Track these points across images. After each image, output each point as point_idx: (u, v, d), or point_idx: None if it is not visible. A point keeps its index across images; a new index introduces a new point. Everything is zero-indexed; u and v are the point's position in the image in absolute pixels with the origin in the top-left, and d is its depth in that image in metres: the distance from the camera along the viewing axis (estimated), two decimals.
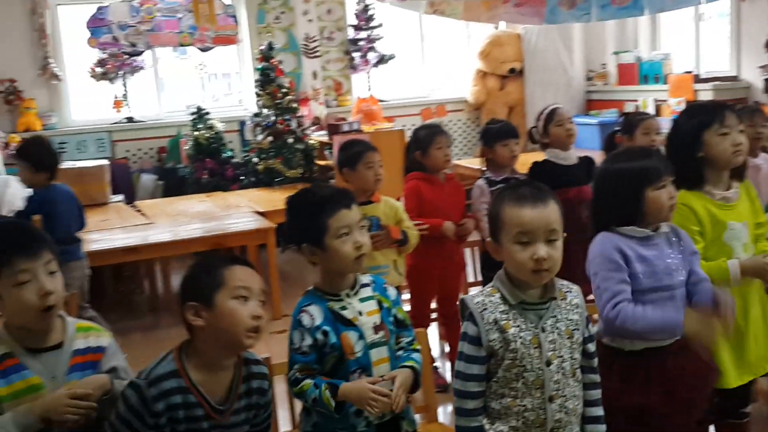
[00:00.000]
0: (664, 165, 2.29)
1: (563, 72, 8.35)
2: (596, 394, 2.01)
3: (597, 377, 2.03)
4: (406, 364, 2.08)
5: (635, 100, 7.73)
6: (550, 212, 1.89)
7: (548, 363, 1.90)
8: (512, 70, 8.56)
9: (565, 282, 1.99)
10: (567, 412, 1.93)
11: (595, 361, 2.03)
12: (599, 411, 2.01)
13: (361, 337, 2.02)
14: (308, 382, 1.97)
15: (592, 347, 2.02)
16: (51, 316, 1.76)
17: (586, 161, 3.99)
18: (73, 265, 4.11)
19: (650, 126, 3.91)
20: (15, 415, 1.67)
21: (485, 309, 1.92)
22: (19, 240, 1.76)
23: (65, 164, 6.42)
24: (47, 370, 1.76)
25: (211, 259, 1.87)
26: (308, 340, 1.98)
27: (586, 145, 6.31)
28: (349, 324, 2.02)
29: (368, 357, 2.02)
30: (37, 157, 4.19)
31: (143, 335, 5.03)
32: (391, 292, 2.16)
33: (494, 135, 3.84)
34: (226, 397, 1.83)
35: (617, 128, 4.16)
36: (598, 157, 4.26)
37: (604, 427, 2.01)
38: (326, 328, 1.99)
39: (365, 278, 2.13)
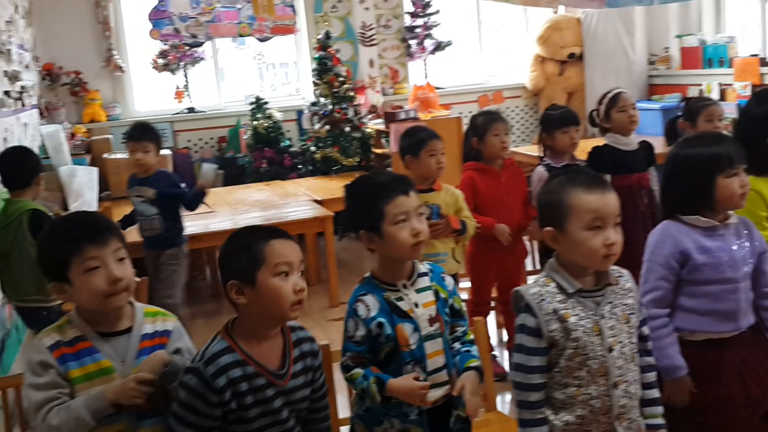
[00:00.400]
0: (737, 152, 2.23)
1: (624, 56, 8.17)
2: (652, 376, 2.01)
3: (652, 359, 2.03)
4: (471, 365, 2.06)
5: (699, 85, 7.51)
6: (615, 198, 1.90)
7: (610, 349, 1.89)
8: (572, 55, 8.42)
9: (615, 267, 1.98)
10: (630, 397, 1.92)
11: (650, 344, 2.03)
12: (656, 393, 2.00)
13: (416, 329, 2.02)
14: (358, 371, 1.99)
15: (646, 330, 2.03)
16: (121, 301, 1.80)
17: (646, 147, 3.91)
18: None
19: (713, 113, 3.81)
20: (87, 399, 1.72)
21: (543, 299, 1.90)
22: (88, 228, 1.80)
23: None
24: (117, 354, 1.81)
25: (247, 234, 1.87)
26: (362, 330, 1.99)
27: (649, 131, 6.15)
28: (405, 316, 2.01)
29: (423, 349, 2.02)
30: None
31: (205, 321, 5.13)
32: (449, 281, 2.15)
33: (554, 122, 3.79)
34: (281, 363, 1.86)
35: (679, 114, 4.07)
36: (659, 143, 4.18)
37: (661, 408, 2.00)
38: (381, 319, 1.99)
39: (423, 267, 2.12)
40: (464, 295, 4.07)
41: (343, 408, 2.58)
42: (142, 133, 4.27)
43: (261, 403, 1.81)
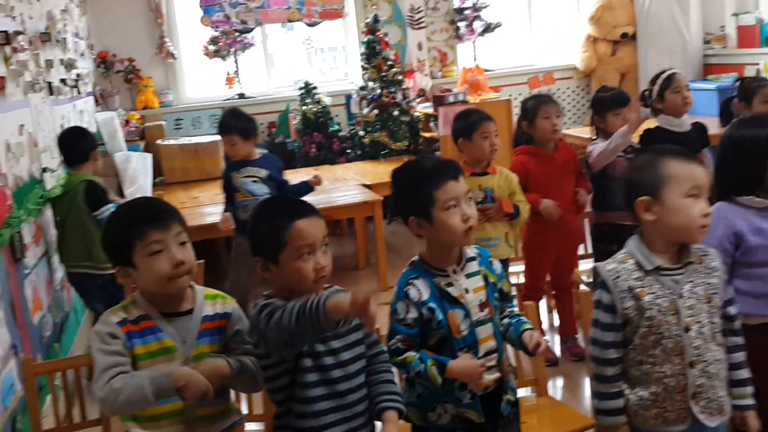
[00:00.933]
0: None
1: (679, 35, 7.96)
2: (740, 356, 1.99)
3: (740, 339, 2.00)
4: (526, 327, 2.08)
5: (756, 64, 7.28)
6: (705, 171, 1.92)
7: (687, 329, 1.88)
8: (624, 35, 8.24)
9: (700, 246, 1.96)
10: (709, 377, 1.90)
11: (738, 324, 2.00)
12: (745, 373, 1.98)
13: (467, 315, 2.00)
14: (412, 354, 1.98)
15: (732, 310, 2.00)
16: (183, 283, 1.85)
17: (699, 128, 3.82)
18: None
19: None
20: (153, 375, 1.75)
21: (618, 276, 1.90)
22: (150, 213, 1.85)
23: (182, 140, 6.70)
24: (179, 334, 1.86)
25: (271, 213, 1.89)
26: (413, 313, 1.98)
27: (704, 111, 6.00)
28: (456, 302, 2.01)
29: (474, 335, 2.01)
30: None
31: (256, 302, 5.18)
32: (497, 265, 2.13)
33: (605, 104, 3.72)
34: None
35: (734, 94, 3.98)
36: (714, 124, 4.07)
37: (750, 388, 1.98)
38: (432, 305, 1.99)
39: (471, 251, 2.10)
40: (513, 279, 4.05)
41: None
42: (229, 122, 4.22)
43: (317, 356, 1.84)
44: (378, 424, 1.96)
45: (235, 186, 4.17)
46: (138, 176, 5.78)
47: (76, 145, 3.91)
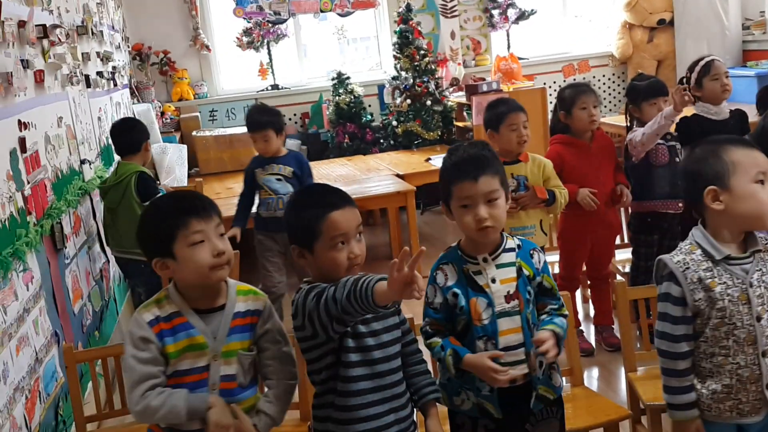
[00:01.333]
0: None
1: (717, 21, 7.81)
2: None
3: None
4: (547, 327, 2.02)
5: None
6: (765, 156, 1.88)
7: (758, 318, 1.86)
8: (661, 21, 8.11)
9: (763, 233, 1.93)
10: None
11: None
12: None
13: (490, 304, 2.00)
14: (437, 340, 2.02)
15: None
16: (224, 274, 1.86)
17: (739, 115, 3.75)
18: None
19: None
20: (189, 398, 1.79)
21: (687, 268, 1.88)
22: (193, 204, 1.86)
23: (216, 131, 6.76)
24: (210, 330, 1.86)
25: (309, 201, 1.91)
26: (439, 298, 2.02)
27: (743, 98, 5.89)
28: (480, 290, 2.01)
29: (495, 326, 2.00)
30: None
31: (290, 294, 5.22)
32: (537, 258, 2.09)
33: (641, 93, 3.64)
34: None
35: None
36: (752, 111, 4.00)
37: None
38: (457, 290, 2.00)
39: (513, 241, 2.09)
40: (554, 269, 4.02)
41: None
42: (261, 117, 4.16)
43: (359, 336, 1.86)
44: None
45: (258, 183, 4.16)
46: (174, 167, 5.85)
47: (129, 135, 4.01)
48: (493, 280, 2.01)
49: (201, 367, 1.84)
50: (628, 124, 3.78)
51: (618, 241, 4.03)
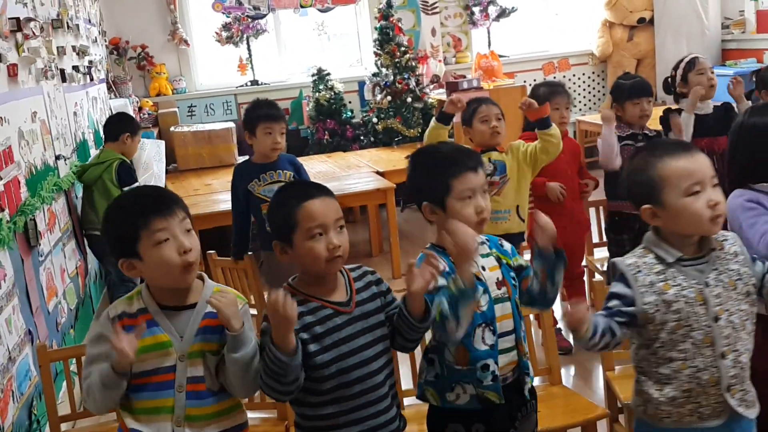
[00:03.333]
0: None
1: (697, 20, 7.87)
2: None
3: None
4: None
5: None
6: (705, 158, 1.85)
7: (716, 318, 1.82)
8: (641, 20, 8.15)
9: (719, 231, 1.90)
10: (742, 367, 1.86)
11: None
12: None
13: (486, 291, 2.00)
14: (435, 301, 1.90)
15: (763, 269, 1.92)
16: (191, 273, 1.80)
17: (723, 109, 3.77)
18: None
19: None
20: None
21: (639, 271, 1.86)
22: (153, 200, 1.80)
23: (195, 127, 6.71)
24: (177, 330, 1.80)
25: (285, 195, 1.90)
26: (440, 281, 1.92)
27: (722, 97, 5.89)
28: (475, 278, 1.99)
29: (493, 311, 2.00)
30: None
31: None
32: (506, 246, 2.13)
33: (624, 92, 3.66)
34: (346, 294, 1.89)
35: (753, 79, 3.96)
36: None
37: None
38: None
39: (479, 237, 2.09)
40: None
41: (406, 380, 2.59)
42: (277, 110, 3.69)
43: (333, 331, 1.83)
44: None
45: (257, 198, 3.58)
46: (151, 163, 5.78)
47: (111, 125, 4.53)
48: (483, 268, 2.02)
49: (167, 367, 1.77)
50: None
51: (596, 238, 4.05)
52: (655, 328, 1.85)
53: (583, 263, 3.96)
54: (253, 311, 3.33)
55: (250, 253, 3.62)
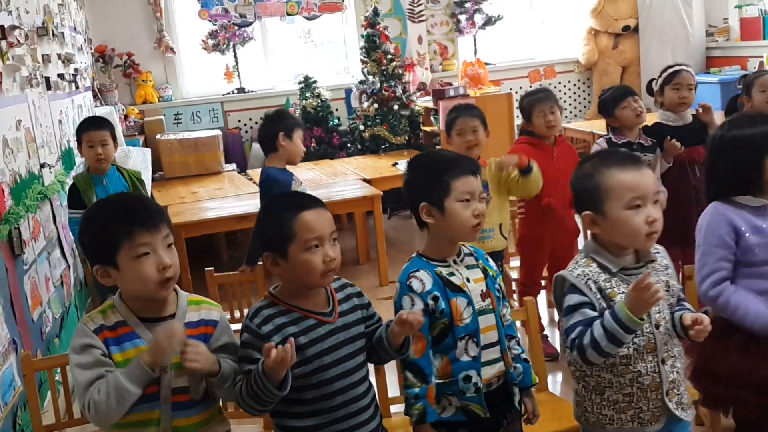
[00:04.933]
0: None
1: (681, 28, 7.94)
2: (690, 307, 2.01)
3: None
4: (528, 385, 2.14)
5: (760, 56, 7.26)
6: (651, 174, 1.88)
7: (657, 326, 1.88)
8: (626, 28, 8.21)
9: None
10: (678, 372, 1.92)
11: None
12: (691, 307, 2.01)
13: (470, 303, 2.00)
14: (420, 405, 1.97)
15: (681, 294, 2.00)
16: (168, 288, 1.78)
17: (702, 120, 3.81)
18: None
19: (765, 83, 3.74)
20: (125, 369, 1.70)
21: (589, 279, 1.89)
22: (139, 213, 1.76)
23: (181, 135, 6.69)
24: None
25: (278, 207, 1.87)
26: (419, 305, 1.97)
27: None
28: (458, 290, 2.00)
29: (477, 323, 2.01)
30: None
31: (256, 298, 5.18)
32: (492, 263, 2.15)
33: (609, 102, 3.71)
34: (327, 305, 1.88)
35: (739, 87, 3.99)
36: (718, 118, 4.06)
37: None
38: (436, 293, 1.98)
39: (467, 248, 2.12)
40: (514, 274, 4.03)
41: (393, 386, 2.59)
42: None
43: (316, 341, 1.82)
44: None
45: None
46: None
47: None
48: (468, 280, 2.02)
49: (152, 379, 1.74)
50: (607, 134, 3.84)
51: (581, 245, 4.06)
52: None
53: None
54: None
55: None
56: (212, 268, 3.51)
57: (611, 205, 1.84)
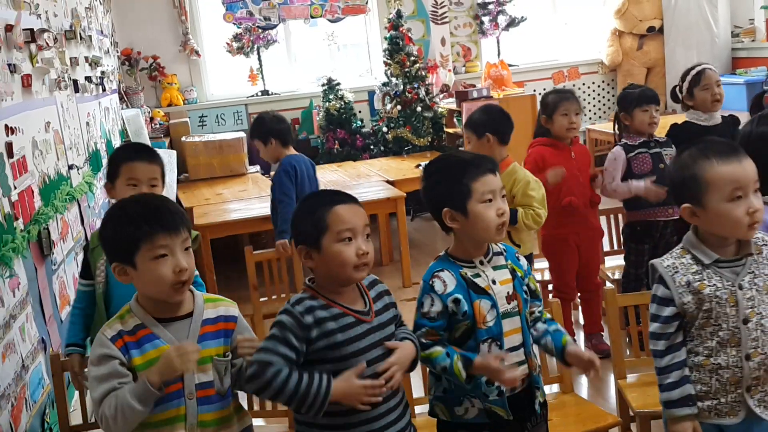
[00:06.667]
0: None
1: (707, 29, 7.86)
2: None
3: None
4: (567, 341, 2.07)
5: None
6: (752, 164, 1.85)
7: (745, 321, 1.85)
8: (651, 29, 8.15)
9: (760, 235, 1.92)
10: (766, 370, 1.87)
11: None
12: None
13: (494, 306, 1.99)
14: (439, 349, 1.97)
15: None
16: (182, 291, 1.80)
17: (731, 121, 3.77)
18: None
19: None
20: (133, 385, 1.71)
21: (677, 271, 1.88)
22: (162, 215, 1.78)
23: (206, 137, 6.75)
24: (178, 339, 1.80)
25: (313, 200, 1.89)
26: (438, 306, 1.97)
27: (733, 106, 5.92)
28: (482, 292, 1.99)
29: (500, 326, 2.00)
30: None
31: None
32: (523, 261, 2.13)
33: (634, 100, 3.65)
34: (363, 304, 1.88)
35: (765, 89, 3.93)
36: (744, 118, 4.02)
37: None
38: (458, 295, 1.97)
39: (497, 246, 2.10)
40: (537, 276, 4.01)
41: (417, 388, 2.59)
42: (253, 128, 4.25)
43: (353, 340, 1.82)
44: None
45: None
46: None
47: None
48: (494, 282, 2.01)
49: (174, 377, 1.76)
50: (616, 132, 3.80)
51: (608, 247, 4.04)
52: (688, 322, 1.89)
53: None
54: None
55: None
56: (250, 246, 3.81)
57: (712, 197, 1.82)
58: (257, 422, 2.12)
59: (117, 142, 5.95)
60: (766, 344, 1.86)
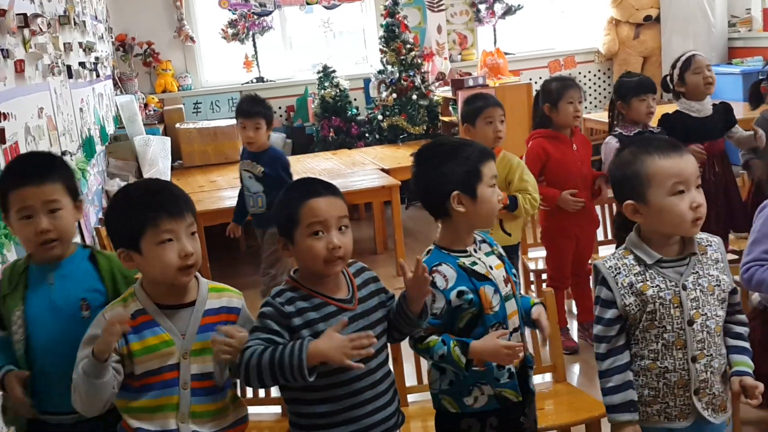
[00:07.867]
0: None
1: (704, 18, 7.85)
2: (745, 334, 1.94)
3: (745, 329, 1.95)
4: (536, 301, 2.11)
5: None
6: (693, 159, 1.84)
7: (690, 322, 1.83)
8: (648, 18, 8.13)
9: (704, 235, 1.90)
10: (713, 372, 1.86)
11: (742, 316, 1.96)
12: (746, 344, 1.93)
13: (497, 290, 2.00)
14: (434, 338, 1.96)
15: (736, 298, 1.94)
16: (189, 274, 1.79)
17: (722, 109, 3.75)
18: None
19: None
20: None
21: (619, 273, 1.86)
22: (167, 200, 1.78)
23: (200, 124, 6.72)
24: (178, 328, 1.80)
25: (291, 192, 1.87)
26: (440, 302, 1.96)
27: (729, 96, 5.91)
28: (485, 279, 1.99)
29: (504, 310, 2.01)
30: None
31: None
32: (500, 249, 2.14)
33: (631, 89, 3.63)
34: (347, 291, 1.87)
35: (761, 78, 3.92)
36: (740, 108, 4.02)
37: (748, 359, 1.91)
38: (462, 287, 1.96)
39: (478, 236, 2.11)
40: (531, 265, 4.02)
41: (410, 376, 2.59)
42: (254, 106, 4.11)
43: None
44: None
45: (240, 177, 4.24)
46: (157, 160, 5.80)
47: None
48: (491, 267, 2.02)
49: (171, 365, 1.78)
50: (612, 121, 3.79)
51: (602, 237, 4.04)
52: (632, 325, 1.87)
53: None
54: None
55: None
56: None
57: (654, 192, 1.80)
58: (253, 410, 2.12)
59: (111, 129, 5.93)
60: (711, 346, 1.84)
